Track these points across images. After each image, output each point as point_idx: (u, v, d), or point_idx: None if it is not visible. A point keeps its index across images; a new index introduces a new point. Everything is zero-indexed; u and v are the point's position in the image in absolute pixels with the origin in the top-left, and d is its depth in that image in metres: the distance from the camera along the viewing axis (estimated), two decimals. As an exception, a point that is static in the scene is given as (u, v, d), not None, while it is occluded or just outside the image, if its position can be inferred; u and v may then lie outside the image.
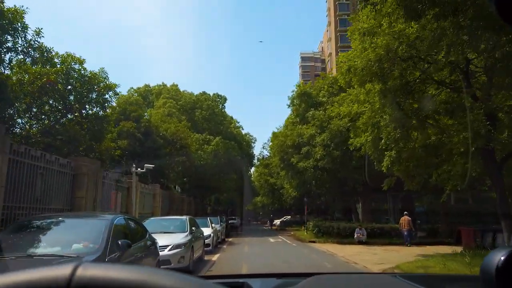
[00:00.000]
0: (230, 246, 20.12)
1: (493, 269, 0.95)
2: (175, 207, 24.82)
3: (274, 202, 56.39)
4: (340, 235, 22.71)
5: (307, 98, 24.95)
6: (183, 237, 10.21)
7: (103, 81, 12.87)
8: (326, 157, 21.44)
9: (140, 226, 6.69)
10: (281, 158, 25.65)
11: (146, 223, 11.59)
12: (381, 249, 17.68)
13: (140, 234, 6.46)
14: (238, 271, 9.91)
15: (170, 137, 22.31)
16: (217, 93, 36.42)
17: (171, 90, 34.99)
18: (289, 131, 24.32)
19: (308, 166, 21.93)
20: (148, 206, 18.24)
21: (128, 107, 21.30)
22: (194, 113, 33.74)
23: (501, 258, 0.95)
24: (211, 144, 30.92)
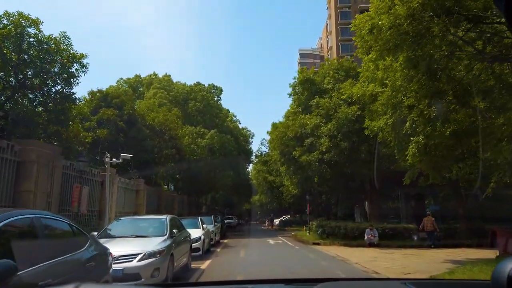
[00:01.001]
0: (225, 249, 17.80)
1: (504, 277, 0.95)
2: (164, 205, 22.46)
3: (273, 201, 54.11)
4: (348, 237, 20.43)
5: (310, 85, 22.63)
6: (160, 243, 7.87)
7: (66, 51, 10.49)
8: (332, 149, 19.14)
9: (76, 230, 4.34)
10: (282, 151, 23.32)
11: (113, 224, 9.27)
12: (398, 253, 15.40)
13: (73, 243, 4.12)
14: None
15: (158, 127, 19.94)
16: (213, 83, 34.17)
17: (162, 81, 32.60)
18: (290, 122, 22.01)
19: (312, 160, 19.62)
20: (130, 204, 15.89)
21: (110, 93, 18.92)
22: (188, 105, 31.37)
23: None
24: (205, 137, 28.56)
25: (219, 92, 34.58)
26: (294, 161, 22.98)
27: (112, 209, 12.60)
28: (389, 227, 19.87)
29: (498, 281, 0.97)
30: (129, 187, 15.61)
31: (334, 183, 22.74)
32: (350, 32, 65.58)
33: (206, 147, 28.25)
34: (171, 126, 20.16)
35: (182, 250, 9.34)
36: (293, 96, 25.26)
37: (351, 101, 20.03)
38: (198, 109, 31.19)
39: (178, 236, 9.02)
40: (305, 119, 21.17)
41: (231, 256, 15.06)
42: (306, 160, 19.82)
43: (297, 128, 21.15)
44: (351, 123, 18.99)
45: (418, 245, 17.91)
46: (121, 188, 14.41)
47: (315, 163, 19.56)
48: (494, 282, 1.00)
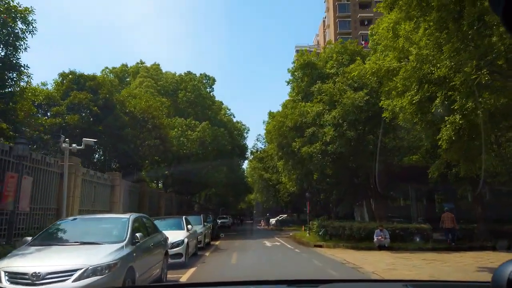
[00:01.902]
0: (215, 253, 15.52)
1: (504, 280, 0.97)
2: (148, 204, 20.15)
3: (269, 200, 51.88)
4: (353, 238, 18.23)
5: (311, 70, 20.37)
6: (113, 252, 5.59)
7: (5, 2, 8.14)
8: (337, 139, 16.90)
9: None
10: (279, 144, 21.07)
11: (55, 226, 6.94)
12: (416, 257, 13.20)
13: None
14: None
15: (139, 115, 17.59)
16: (205, 73, 31.77)
17: (150, 69, 30.18)
18: (289, 110, 19.76)
19: (314, 152, 17.38)
20: (103, 201, 13.56)
21: (84, 75, 16.55)
22: (177, 96, 29.00)
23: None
24: (196, 130, 26.22)
25: (212, 82, 32.23)
26: (293, 154, 20.75)
27: (73, 206, 10.28)
28: (399, 228, 17.69)
29: (498, 283, 0.99)
30: (101, 181, 13.28)
31: (338, 179, 20.53)
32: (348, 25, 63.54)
33: (197, 141, 25.92)
34: (155, 114, 17.83)
35: (152, 260, 7.05)
36: (291, 83, 23.01)
37: (358, 85, 17.88)
38: (189, 100, 28.81)
39: (145, 241, 6.73)
40: (305, 107, 18.93)
41: (220, 262, 12.80)
42: (307, 152, 17.58)
43: (297, 117, 18.90)
44: (358, 110, 16.78)
45: (436, 248, 15.77)
46: (88, 182, 12.08)
47: (318, 155, 17.33)
48: (494, 285, 1.01)
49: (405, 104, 9.77)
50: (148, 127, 17.59)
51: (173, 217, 13.93)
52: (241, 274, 9.67)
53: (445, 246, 16.25)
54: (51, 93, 15.69)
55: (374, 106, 17.56)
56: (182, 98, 28.83)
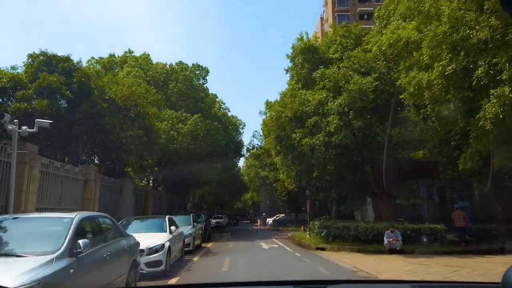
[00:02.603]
0: (204, 258, 13.64)
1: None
2: (134, 203, 18.24)
3: (266, 199, 50.03)
4: (359, 240, 16.43)
5: (312, 54, 18.53)
6: (30, 271, 3.70)
7: None
8: (343, 129, 15.08)
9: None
10: (277, 136, 19.21)
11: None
12: (436, 263, 11.40)
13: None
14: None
15: (121, 102, 15.67)
16: (197, 63, 29.77)
17: (139, 59, 28.21)
18: (288, 99, 17.92)
19: (317, 144, 15.54)
20: (73, 198, 11.63)
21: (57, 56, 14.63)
22: (168, 87, 27.07)
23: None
24: (187, 123, 24.32)
25: (205, 74, 30.24)
26: (292, 148, 18.92)
27: (27, 204, 8.37)
28: (411, 228, 15.89)
29: (508, 284, 0.99)
30: (70, 175, 11.35)
31: (341, 175, 18.72)
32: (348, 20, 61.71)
33: (188, 135, 24.03)
34: (138, 101, 15.91)
35: (107, 275, 5.18)
36: (290, 71, 21.18)
37: (365, 70, 16.08)
38: (180, 91, 26.88)
39: (95, 250, 4.86)
40: (307, 95, 17.10)
41: (209, 269, 10.92)
42: (309, 144, 15.74)
43: (297, 106, 17.06)
44: (366, 96, 14.97)
45: (453, 251, 14.00)
46: (51, 175, 10.16)
47: (320, 147, 15.49)
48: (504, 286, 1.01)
49: (433, 78, 7.92)
50: (131, 116, 15.68)
51: (155, 217, 12.06)
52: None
53: (463, 249, 14.55)
54: (18, 76, 13.74)
55: (382, 93, 15.82)
56: (173, 90, 26.91)
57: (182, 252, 12.27)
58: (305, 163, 19.67)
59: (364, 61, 16.05)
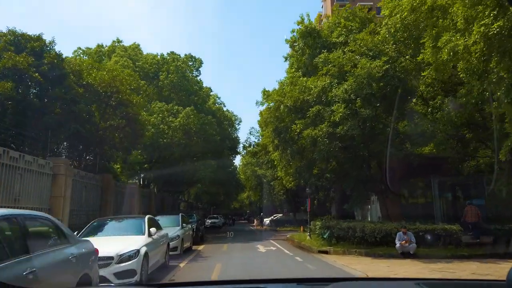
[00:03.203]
0: (193, 264, 11.97)
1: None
2: (118, 202, 16.60)
3: (263, 198, 48.41)
4: (365, 242, 14.84)
5: (314, 39, 16.91)
6: None
7: None
8: (349, 118, 13.48)
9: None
10: (275, 129, 17.61)
11: None
12: (461, 269, 9.81)
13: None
14: None
15: (101, 89, 13.99)
16: (190, 54, 28.08)
17: (128, 49, 26.49)
18: (287, 88, 16.32)
19: (319, 135, 13.93)
20: (37, 194, 9.93)
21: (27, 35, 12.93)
22: (159, 79, 25.37)
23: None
24: (179, 116, 22.65)
25: (198, 65, 28.52)
26: (292, 142, 17.33)
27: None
28: (423, 229, 14.30)
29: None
30: (33, 167, 9.66)
31: (345, 171, 17.13)
32: (347, 12, 58.44)
33: (180, 129, 22.36)
34: (121, 88, 14.23)
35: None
36: (290, 59, 19.58)
37: (373, 54, 14.50)
38: (171, 83, 25.18)
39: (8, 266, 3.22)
40: (308, 83, 15.49)
41: (196, 279, 9.32)
42: (311, 136, 14.13)
43: (298, 94, 15.45)
44: (375, 82, 13.39)
45: (473, 255, 12.45)
46: (7, 167, 8.48)
47: (324, 139, 13.87)
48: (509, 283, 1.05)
49: (471, 43, 6.31)
50: (111, 104, 14.00)
51: (133, 218, 10.38)
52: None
53: (483, 252, 13.01)
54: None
55: (392, 79, 14.23)
56: (163, 81, 25.21)
57: (166, 257, 10.63)
58: (306, 159, 18.07)
59: (372, 44, 14.46)
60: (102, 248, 7.33)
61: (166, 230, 13.18)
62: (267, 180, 40.23)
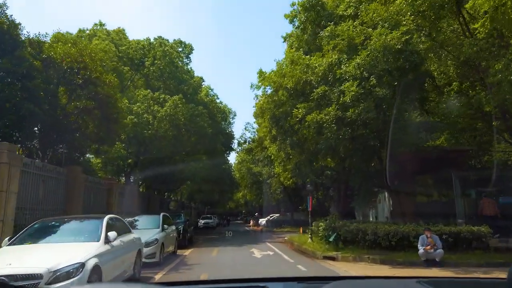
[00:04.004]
0: (172, 274, 9.66)
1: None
2: (91, 199, 14.32)
3: (259, 197, 46.21)
4: (379, 247, 12.74)
5: (318, 12, 14.71)
6: None
7: None
8: (362, 100, 11.29)
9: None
10: (273, 116, 15.40)
11: None
12: None
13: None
14: None
15: (65, 64, 11.69)
16: (179, 39, 25.69)
17: (112, 33, 24.15)
18: (287, 68, 14.11)
19: (326, 120, 11.73)
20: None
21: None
22: (144, 66, 23.05)
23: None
24: (165, 105, 20.36)
25: (189, 51, 26.15)
26: (292, 131, 15.13)
27: None
28: (447, 231, 12.16)
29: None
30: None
31: (352, 164, 14.97)
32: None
33: (166, 119, 20.08)
34: (90, 64, 11.94)
35: None
36: (289, 39, 17.39)
37: (388, 26, 12.33)
38: (158, 70, 22.88)
39: None
40: (312, 60, 13.29)
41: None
42: (316, 121, 11.91)
43: (299, 74, 13.24)
44: (393, 55, 11.23)
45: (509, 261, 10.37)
46: None
47: (331, 125, 11.67)
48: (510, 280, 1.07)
49: None
50: (77, 83, 11.71)
51: (88, 218, 8.09)
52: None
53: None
54: None
55: (412, 54, 12.08)
56: (149, 68, 22.89)
57: (136, 267, 8.36)
58: (307, 152, 15.89)
59: (387, 14, 12.30)
60: (30, 261, 5.11)
61: (142, 233, 11.00)
62: (263, 178, 38.08)
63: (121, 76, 22.43)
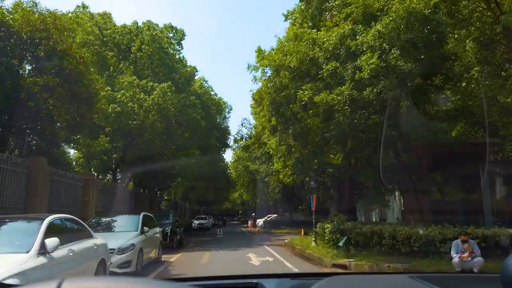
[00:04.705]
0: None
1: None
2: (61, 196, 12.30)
3: (256, 197, 44.20)
4: (397, 252, 10.86)
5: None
6: None
7: None
8: (383, 75, 9.35)
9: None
10: (273, 102, 13.43)
11: None
12: None
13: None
14: None
15: (24, 34, 9.67)
16: (170, 23, 23.58)
17: (96, 17, 22.11)
18: (290, 45, 12.18)
19: (338, 102, 9.78)
20: None
21: None
22: (131, 52, 21.01)
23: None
24: (153, 94, 18.34)
25: (180, 37, 24.03)
26: (295, 120, 13.21)
27: None
28: (480, 234, 10.27)
29: (508, 273, 1.00)
30: None
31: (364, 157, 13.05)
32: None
33: (154, 108, 18.05)
34: (55, 34, 9.95)
35: None
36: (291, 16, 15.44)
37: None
38: (147, 56, 20.85)
39: None
40: (319, 35, 11.34)
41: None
42: (325, 102, 9.96)
43: (306, 50, 11.29)
44: (419, 22, 9.31)
45: None
46: None
47: (344, 107, 9.73)
48: (503, 275, 1.02)
49: None
50: (39, 55, 9.69)
51: (22, 219, 6.06)
52: None
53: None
54: None
55: (439, 25, 10.17)
56: (136, 53, 20.85)
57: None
58: (311, 143, 13.97)
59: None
60: None
61: (117, 237, 9.04)
62: (260, 176, 36.09)
63: (105, 63, 20.44)
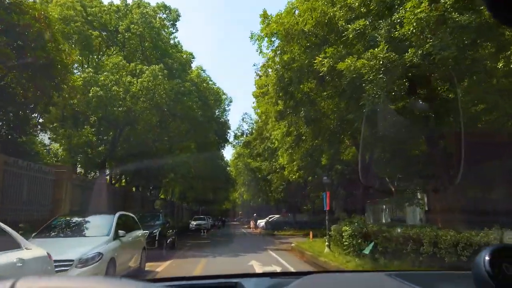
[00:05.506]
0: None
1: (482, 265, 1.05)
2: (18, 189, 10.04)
3: (257, 196, 41.90)
4: (440, 261, 8.58)
5: None
6: None
7: None
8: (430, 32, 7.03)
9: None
10: (280, 79, 11.14)
11: None
12: None
13: None
14: None
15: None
16: (163, 2, 21.22)
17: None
18: (303, 5, 9.93)
19: (369, 69, 7.50)
20: None
21: None
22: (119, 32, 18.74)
23: (489, 254, 1.06)
24: (142, 77, 16.07)
25: (174, 17, 21.68)
26: (308, 101, 10.94)
27: None
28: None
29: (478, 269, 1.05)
30: None
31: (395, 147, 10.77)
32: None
33: (143, 93, 15.78)
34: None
35: None
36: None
37: None
38: (136, 36, 18.59)
39: None
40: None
41: None
42: (353, 70, 7.67)
43: (324, 8, 9.01)
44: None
45: None
46: None
47: (377, 75, 7.44)
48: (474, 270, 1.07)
49: None
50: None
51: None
52: None
53: None
54: None
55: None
56: (123, 34, 18.56)
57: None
58: (325, 130, 11.71)
59: None
60: None
61: (80, 243, 6.81)
62: (262, 175, 33.81)
63: (90, 43, 18.17)
